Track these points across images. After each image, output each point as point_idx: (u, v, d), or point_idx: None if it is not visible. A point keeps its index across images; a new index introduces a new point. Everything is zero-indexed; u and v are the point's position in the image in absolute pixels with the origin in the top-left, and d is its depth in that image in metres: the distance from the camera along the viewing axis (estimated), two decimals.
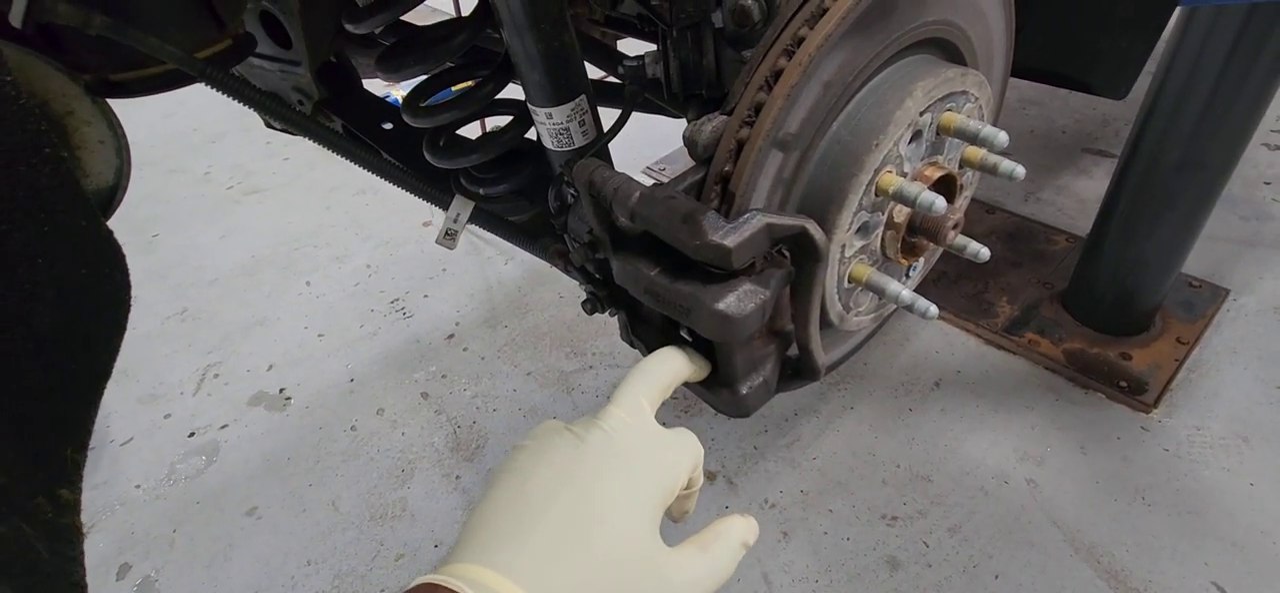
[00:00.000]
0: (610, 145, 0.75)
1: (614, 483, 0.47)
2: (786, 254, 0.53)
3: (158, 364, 2.03)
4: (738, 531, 0.54)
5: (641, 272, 0.53)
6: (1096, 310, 1.70)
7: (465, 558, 0.42)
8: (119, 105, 0.78)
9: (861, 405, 1.63)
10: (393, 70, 0.68)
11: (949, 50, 0.65)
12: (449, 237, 0.76)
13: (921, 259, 0.67)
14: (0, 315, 0.38)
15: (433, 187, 0.83)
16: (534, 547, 0.43)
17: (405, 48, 0.68)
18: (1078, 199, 2.16)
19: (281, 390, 1.87)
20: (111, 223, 0.75)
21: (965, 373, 1.68)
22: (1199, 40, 1.21)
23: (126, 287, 0.48)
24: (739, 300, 0.49)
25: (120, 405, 1.92)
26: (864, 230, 0.61)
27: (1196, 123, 1.29)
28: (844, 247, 0.59)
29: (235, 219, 2.63)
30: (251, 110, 0.69)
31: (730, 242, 0.47)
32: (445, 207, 0.82)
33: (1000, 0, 0.66)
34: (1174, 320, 1.69)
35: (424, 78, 0.76)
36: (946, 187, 0.63)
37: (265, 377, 1.92)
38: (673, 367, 0.54)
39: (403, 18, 0.72)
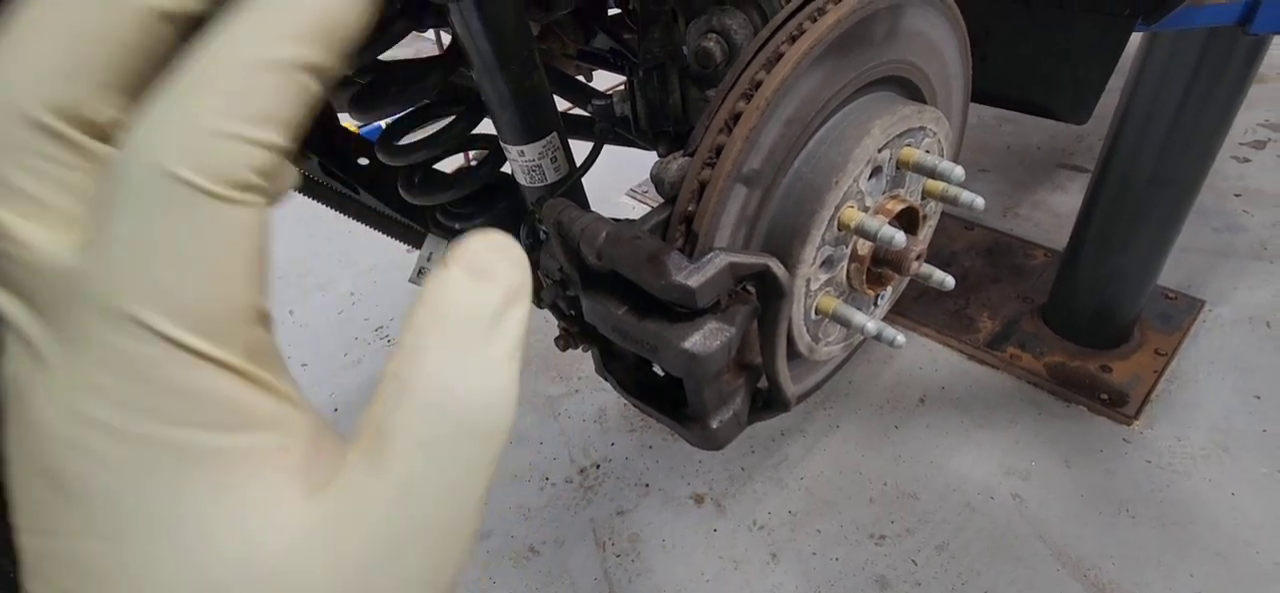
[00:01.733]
0: (596, 168, 0.76)
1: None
2: (752, 290, 0.54)
3: None
4: (438, 380, 0.21)
5: (610, 310, 0.53)
6: (1076, 324, 1.72)
7: None
8: None
9: (847, 424, 1.63)
10: (365, 112, 0.69)
11: (908, 87, 0.66)
12: (422, 275, 0.76)
13: (889, 288, 0.68)
14: None
15: (410, 222, 0.84)
16: None
17: (378, 89, 0.68)
18: (1054, 214, 2.19)
19: None
20: None
21: (949, 389, 1.69)
22: (1163, 59, 1.24)
23: None
24: (704, 338, 0.50)
25: None
26: (829, 263, 0.62)
27: (1165, 139, 1.31)
28: (809, 280, 0.61)
29: None
30: None
31: (693, 282, 0.48)
32: (419, 244, 0.82)
33: (956, 39, 0.68)
34: (1152, 332, 1.71)
35: (397, 116, 0.76)
36: (909, 219, 0.64)
37: None
38: None
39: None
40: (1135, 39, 0.92)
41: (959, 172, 0.58)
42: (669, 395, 0.61)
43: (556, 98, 0.73)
